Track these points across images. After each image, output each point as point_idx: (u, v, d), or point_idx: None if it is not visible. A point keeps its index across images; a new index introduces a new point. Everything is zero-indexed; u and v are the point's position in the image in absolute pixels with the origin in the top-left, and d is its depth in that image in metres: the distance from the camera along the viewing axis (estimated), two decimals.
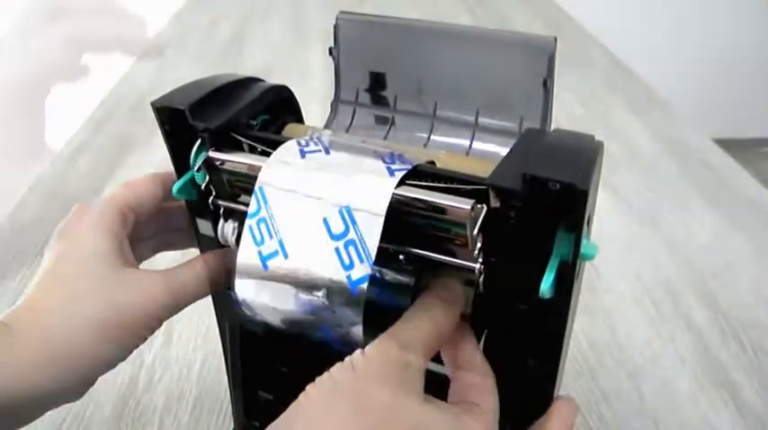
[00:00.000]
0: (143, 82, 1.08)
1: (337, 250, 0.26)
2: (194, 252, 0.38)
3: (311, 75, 1.03)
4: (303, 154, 0.29)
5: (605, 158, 0.28)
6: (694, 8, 2.08)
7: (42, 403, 0.29)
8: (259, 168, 0.29)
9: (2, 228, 0.72)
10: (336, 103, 0.38)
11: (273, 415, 0.25)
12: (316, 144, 0.30)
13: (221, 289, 0.36)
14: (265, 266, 0.27)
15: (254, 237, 0.28)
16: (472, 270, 0.28)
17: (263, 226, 0.28)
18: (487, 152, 0.35)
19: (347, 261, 0.26)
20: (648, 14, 2.07)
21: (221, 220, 0.35)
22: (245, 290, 0.28)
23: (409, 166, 0.28)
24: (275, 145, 0.30)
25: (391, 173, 0.27)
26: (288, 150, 0.29)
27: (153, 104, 0.31)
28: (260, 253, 0.27)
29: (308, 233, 0.27)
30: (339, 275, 0.26)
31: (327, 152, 0.29)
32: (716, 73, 2.19)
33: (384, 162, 0.28)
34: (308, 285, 0.27)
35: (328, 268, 0.26)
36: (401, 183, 0.27)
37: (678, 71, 2.04)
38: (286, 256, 0.27)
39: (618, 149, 0.86)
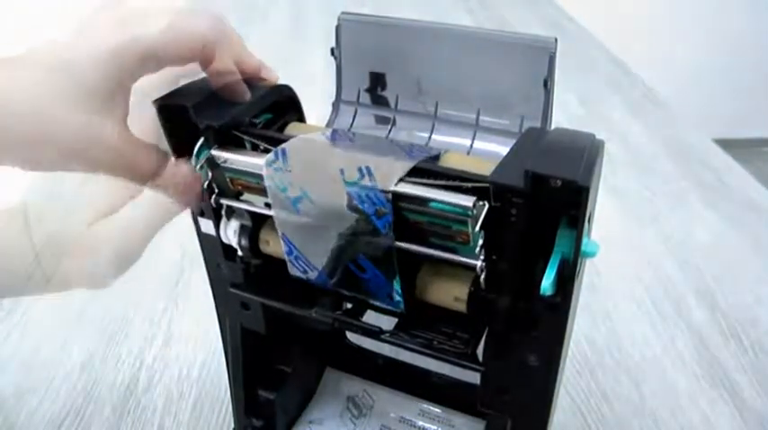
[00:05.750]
0: (143, 81, 1.08)
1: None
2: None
3: (313, 75, 1.03)
4: (331, 140, 0.31)
5: (605, 159, 0.28)
6: (694, 8, 2.09)
7: None
8: (261, 167, 0.29)
9: None
10: (338, 102, 0.38)
11: (274, 414, 0.25)
12: (341, 136, 0.31)
13: (223, 289, 0.36)
14: (297, 210, 0.29)
15: (276, 185, 0.29)
16: (473, 267, 0.28)
17: (279, 174, 0.29)
18: (488, 152, 0.35)
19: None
20: (648, 15, 2.07)
21: (223, 219, 0.35)
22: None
23: (426, 154, 0.29)
24: (278, 143, 0.30)
25: (411, 155, 0.29)
26: (316, 134, 0.31)
27: (155, 102, 0.31)
28: (288, 197, 0.29)
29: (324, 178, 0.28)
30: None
31: (353, 142, 0.31)
32: (716, 73, 2.19)
33: (404, 150, 0.29)
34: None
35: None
36: (401, 180, 0.27)
37: (678, 71, 2.05)
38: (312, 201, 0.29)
39: (618, 149, 0.86)
